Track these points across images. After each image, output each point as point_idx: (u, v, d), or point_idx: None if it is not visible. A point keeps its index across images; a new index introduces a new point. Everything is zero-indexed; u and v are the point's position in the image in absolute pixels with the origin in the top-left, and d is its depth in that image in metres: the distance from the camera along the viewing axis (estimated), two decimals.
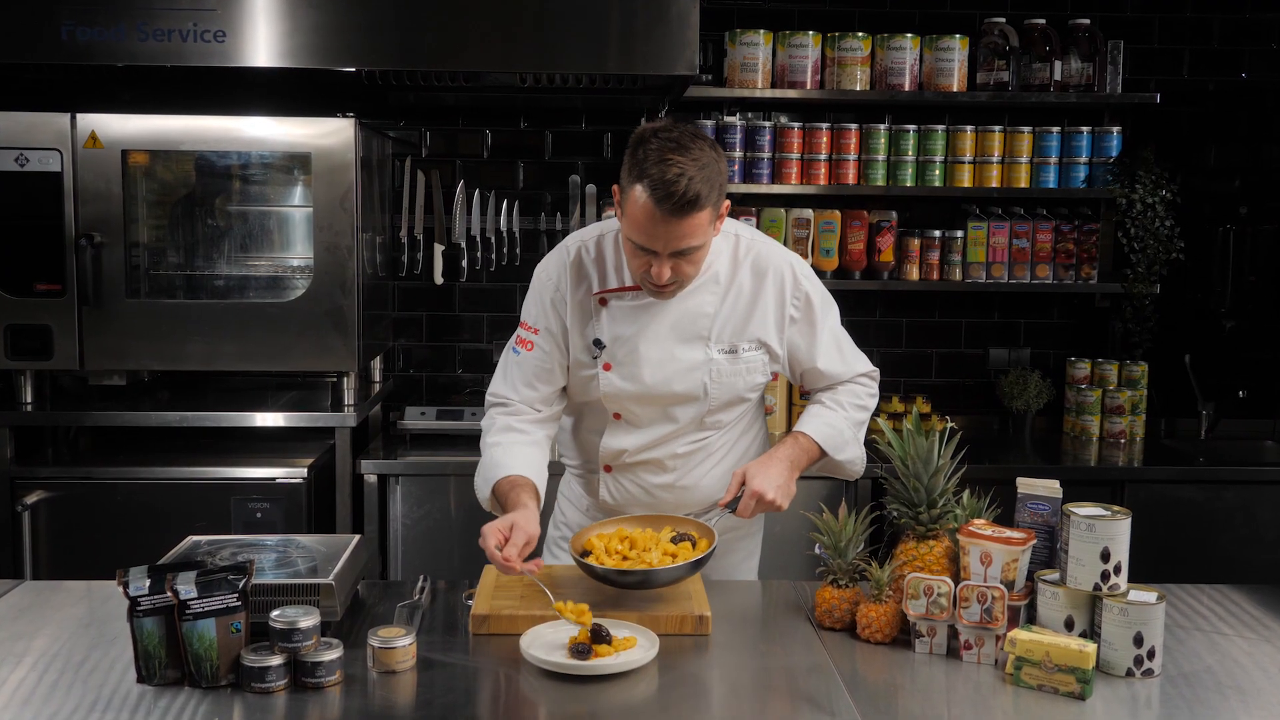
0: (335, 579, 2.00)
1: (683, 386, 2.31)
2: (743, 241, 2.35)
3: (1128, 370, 4.12)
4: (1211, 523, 3.68)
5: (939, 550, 2.06)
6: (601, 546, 2.16)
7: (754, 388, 2.38)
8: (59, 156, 3.35)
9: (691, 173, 2.05)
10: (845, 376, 2.43)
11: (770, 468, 2.25)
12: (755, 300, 2.32)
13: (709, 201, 2.10)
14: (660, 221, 2.08)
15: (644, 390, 2.31)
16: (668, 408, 2.33)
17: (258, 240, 3.78)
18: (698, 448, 2.38)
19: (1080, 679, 1.82)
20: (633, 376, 2.30)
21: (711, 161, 2.11)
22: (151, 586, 1.83)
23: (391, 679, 1.87)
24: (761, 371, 2.36)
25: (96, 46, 3.30)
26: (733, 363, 2.32)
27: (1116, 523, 1.91)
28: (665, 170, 2.05)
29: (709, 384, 2.32)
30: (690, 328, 2.30)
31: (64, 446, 3.66)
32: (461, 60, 3.41)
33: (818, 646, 2.05)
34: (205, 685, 1.82)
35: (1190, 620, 2.20)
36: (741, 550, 2.55)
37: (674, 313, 2.30)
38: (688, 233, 2.10)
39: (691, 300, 2.29)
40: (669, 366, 2.30)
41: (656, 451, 2.37)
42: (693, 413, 2.34)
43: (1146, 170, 3.94)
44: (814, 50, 3.95)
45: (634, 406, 2.34)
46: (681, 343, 2.30)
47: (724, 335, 2.32)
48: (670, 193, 2.04)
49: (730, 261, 2.32)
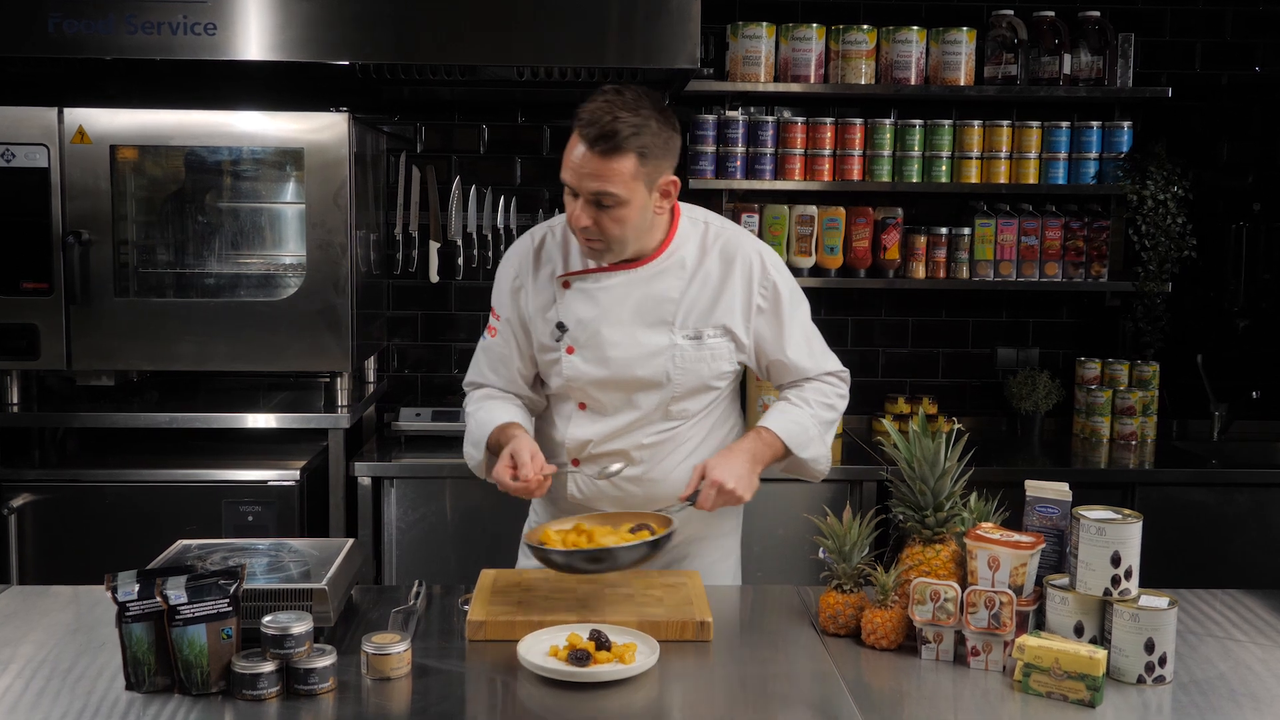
0: (329, 584, 2.00)
1: (645, 371, 2.33)
2: (711, 229, 2.39)
3: (1139, 370, 4.12)
4: (1224, 526, 3.68)
5: (945, 554, 2.06)
6: (559, 539, 2.15)
7: (720, 375, 2.38)
8: (46, 152, 3.35)
9: (621, 115, 2.16)
10: (812, 372, 2.42)
11: (731, 459, 2.27)
12: (722, 287, 2.35)
13: (635, 148, 2.17)
14: (582, 156, 2.18)
15: (607, 375, 2.34)
16: (631, 394, 2.35)
17: (249, 238, 3.78)
18: (664, 438, 2.39)
19: (1090, 686, 1.82)
20: (595, 360, 2.34)
21: (651, 120, 2.19)
22: (140, 591, 1.83)
23: (386, 686, 1.87)
24: (727, 359, 2.37)
25: (84, 39, 3.30)
26: (697, 348, 2.34)
27: (1127, 526, 1.91)
28: (596, 108, 2.17)
29: (672, 369, 2.33)
30: (654, 312, 2.33)
31: (51, 448, 3.65)
32: (457, 54, 3.41)
33: (821, 653, 2.05)
34: (195, 692, 1.82)
35: (1203, 626, 2.20)
36: (717, 550, 2.53)
37: (637, 296, 2.33)
38: (606, 175, 2.17)
39: (656, 284, 2.33)
40: (631, 350, 2.33)
41: (622, 441, 2.38)
42: (656, 399, 2.35)
43: (1158, 166, 3.94)
44: (818, 43, 3.95)
45: (597, 393, 2.37)
46: (645, 327, 2.33)
47: (689, 320, 2.34)
48: (592, 124, 2.15)
49: (698, 247, 2.36)
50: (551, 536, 2.16)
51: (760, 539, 3.59)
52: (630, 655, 1.91)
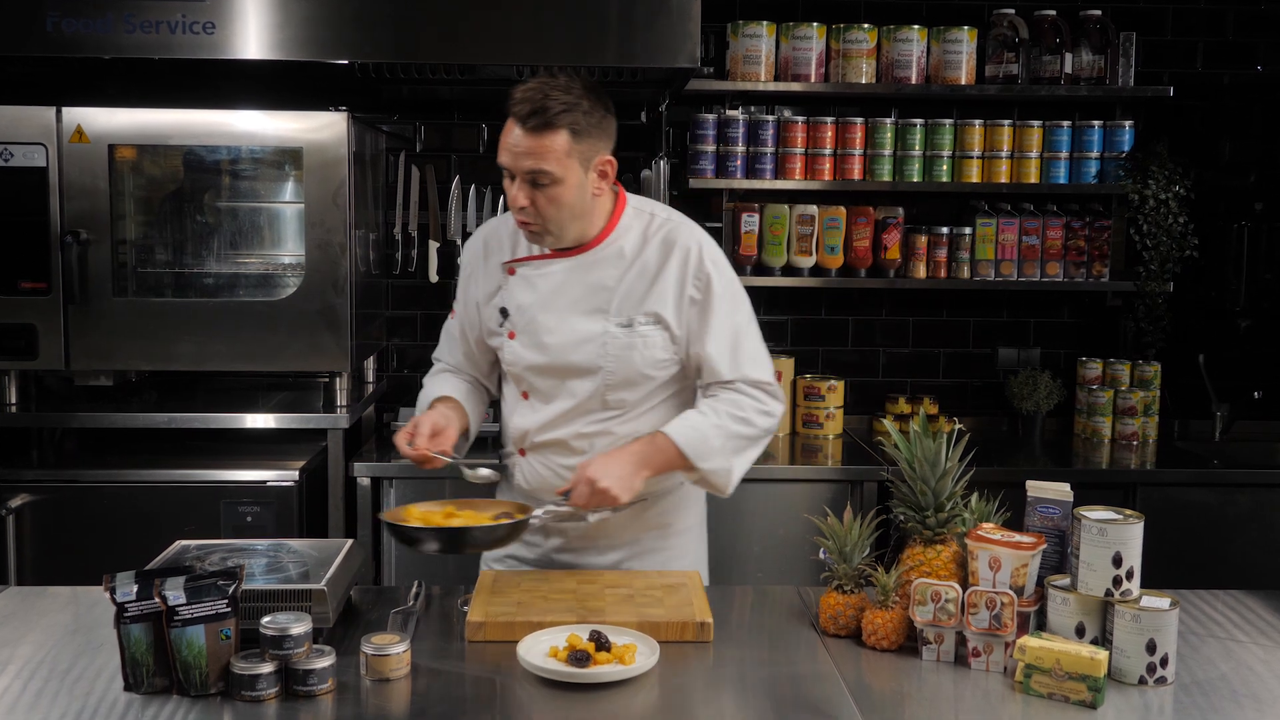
0: (327, 584, 2.00)
1: (579, 357, 2.35)
2: (656, 220, 2.41)
3: (1140, 370, 4.12)
4: (1226, 527, 3.68)
5: (946, 555, 2.06)
6: (421, 518, 2.17)
7: (654, 364, 2.37)
8: (44, 151, 3.35)
9: (552, 93, 2.21)
10: (729, 375, 2.37)
11: (613, 458, 2.26)
12: (658, 275, 2.36)
13: (566, 124, 2.21)
14: (515, 135, 2.22)
15: (544, 360, 2.37)
16: (566, 380, 2.38)
17: (248, 237, 3.78)
18: (603, 429, 2.39)
19: (1091, 687, 1.82)
20: (533, 345, 2.38)
21: (583, 99, 2.24)
22: (139, 592, 1.83)
23: (385, 687, 1.87)
24: (662, 348, 2.36)
25: (83, 38, 3.30)
26: (628, 336, 2.34)
27: (1129, 527, 1.91)
28: (528, 89, 2.23)
29: (604, 356, 2.34)
30: (590, 300, 2.36)
31: (49, 448, 3.65)
32: (457, 53, 3.41)
33: (822, 654, 2.05)
34: (194, 693, 1.82)
35: (1204, 627, 2.20)
36: (674, 548, 2.50)
37: (576, 283, 2.36)
38: (540, 152, 2.21)
39: (594, 272, 2.36)
40: (566, 336, 2.36)
41: (561, 431, 2.40)
42: (591, 387, 2.36)
43: (1159, 165, 3.94)
44: (818, 42, 3.95)
45: (535, 379, 2.40)
46: (581, 314, 2.36)
47: (623, 309, 2.36)
48: (524, 102, 2.21)
49: (640, 238, 2.39)
50: (414, 514, 2.17)
51: (760, 539, 3.59)
52: (630, 656, 1.91)
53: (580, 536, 2.45)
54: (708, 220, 4.18)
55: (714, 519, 3.56)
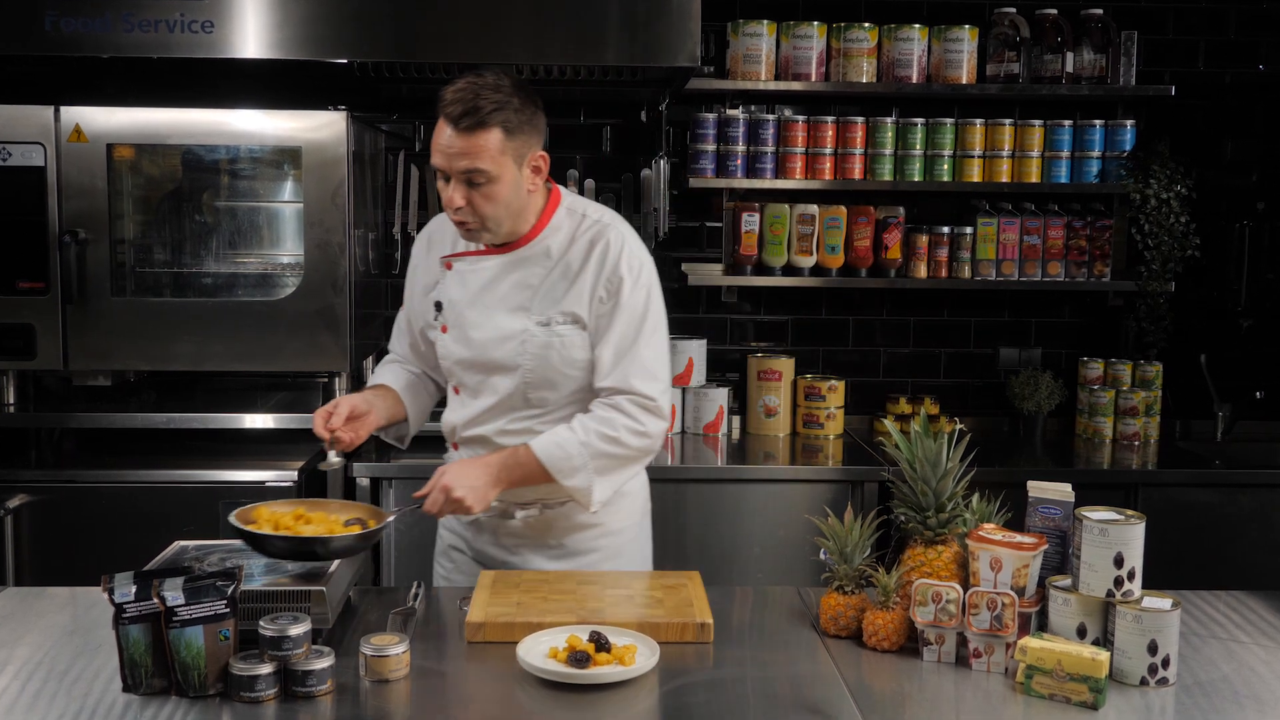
0: (326, 585, 2.00)
1: (500, 354, 2.38)
2: (587, 220, 2.43)
3: (1142, 371, 4.12)
4: (1228, 527, 3.67)
5: (947, 556, 2.06)
6: (269, 521, 2.12)
7: (572, 364, 2.38)
8: (42, 150, 3.35)
9: (483, 92, 2.23)
10: (611, 383, 2.36)
11: (470, 467, 2.31)
12: (578, 275, 2.38)
13: (498, 122, 2.24)
14: (449, 136, 2.24)
15: (470, 355, 2.41)
16: (489, 376, 2.41)
17: (247, 237, 3.78)
18: (526, 428, 2.41)
19: (1093, 688, 1.82)
20: (460, 340, 2.43)
21: (513, 96, 2.26)
22: (137, 593, 1.83)
23: (384, 688, 1.87)
24: (580, 348, 2.38)
25: (81, 37, 3.30)
26: (547, 334, 2.37)
27: (1130, 527, 1.91)
28: (458, 90, 2.24)
29: (523, 354, 2.37)
30: (515, 297, 2.39)
31: (47, 449, 3.65)
32: (456, 52, 3.41)
33: (823, 655, 2.05)
34: (193, 694, 1.82)
35: (1206, 628, 2.20)
36: (598, 552, 2.50)
37: (505, 281, 2.40)
38: (474, 152, 2.23)
39: (520, 270, 2.39)
40: (489, 333, 2.39)
41: (485, 428, 2.44)
42: (511, 384, 2.39)
43: (1161, 165, 3.94)
44: (819, 41, 3.95)
45: (463, 374, 2.45)
46: (506, 311, 2.39)
47: (543, 307, 2.38)
48: (455, 103, 2.23)
49: (568, 237, 2.41)
50: (264, 516, 2.14)
51: (761, 540, 3.59)
52: (630, 657, 1.91)
53: (511, 535, 2.49)
54: (708, 220, 4.20)
55: (714, 519, 3.60)
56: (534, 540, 2.48)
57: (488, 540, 2.51)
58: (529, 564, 2.47)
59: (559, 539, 2.48)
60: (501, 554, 2.50)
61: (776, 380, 4.08)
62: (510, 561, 2.49)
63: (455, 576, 2.57)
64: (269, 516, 2.14)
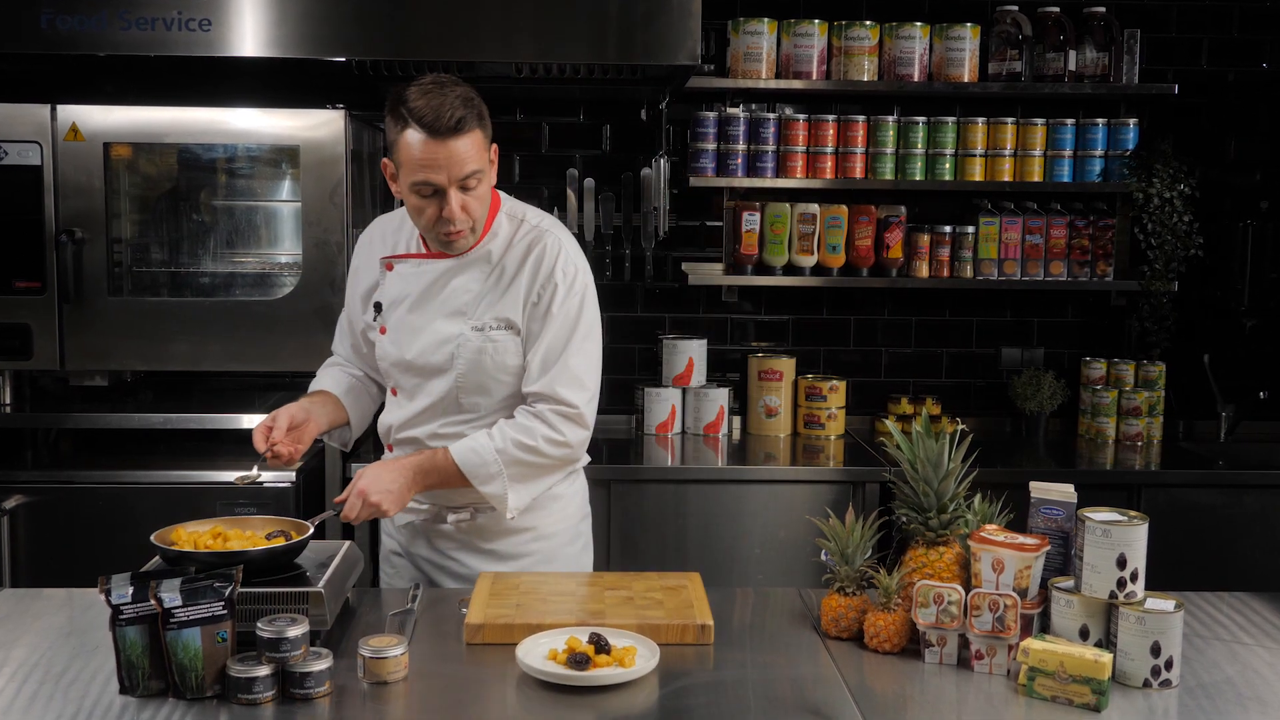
0: (325, 586, 2.00)
1: (435, 358, 2.40)
2: (525, 225, 2.44)
3: (1144, 371, 4.12)
4: (1231, 528, 3.67)
5: (949, 557, 2.06)
6: (190, 540, 2.13)
7: (506, 370, 2.40)
8: (39, 149, 3.35)
9: (453, 98, 2.22)
10: (538, 389, 2.37)
11: (386, 470, 2.32)
12: (513, 280, 2.39)
13: (474, 125, 2.25)
14: (439, 147, 2.21)
15: (406, 357, 2.43)
16: (425, 379, 2.43)
17: (244, 236, 3.78)
18: (458, 431, 2.42)
19: (1095, 690, 1.82)
20: (398, 342, 2.44)
21: (468, 94, 2.26)
22: (134, 594, 1.83)
23: (383, 690, 1.87)
24: (513, 354, 2.39)
25: (78, 35, 3.30)
26: (480, 340, 2.38)
27: (1133, 528, 1.91)
28: (428, 102, 2.21)
29: (458, 359, 2.38)
30: (454, 302, 2.40)
31: (44, 449, 3.65)
32: (455, 50, 3.41)
33: (824, 656, 2.05)
34: (190, 696, 1.82)
35: (1209, 629, 2.20)
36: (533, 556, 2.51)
37: (445, 287, 2.41)
38: (465, 155, 2.23)
39: (460, 277, 2.40)
40: (427, 337, 2.41)
41: (417, 430, 2.46)
42: (444, 388, 2.41)
43: (1164, 164, 3.94)
44: (820, 39, 3.95)
45: (400, 376, 2.47)
46: (443, 315, 2.40)
47: (478, 312, 2.39)
48: (438, 115, 2.20)
49: (505, 242, 2.42)
50: (183, 537, 2.13)
51: (761, 541, 3.59)
52: (630, 659, 1.91)
53: (443, 538, 2.51)
54: (708, 219, 4.20)
55: (714, 519, 3.59)
56: (466, 544, 2.50)
57: (422, 544, 2.54)
58: (463, 567, 2.49)
59: (490, 543, 2.49)
60: (436, 557, 2.52)
61: (777, 380, 4.08)
62: (445, 565, 2.51)
63: (395, 581, 2.60)
64: (188, 536, 2.14)
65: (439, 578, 2.52)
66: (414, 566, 2.56)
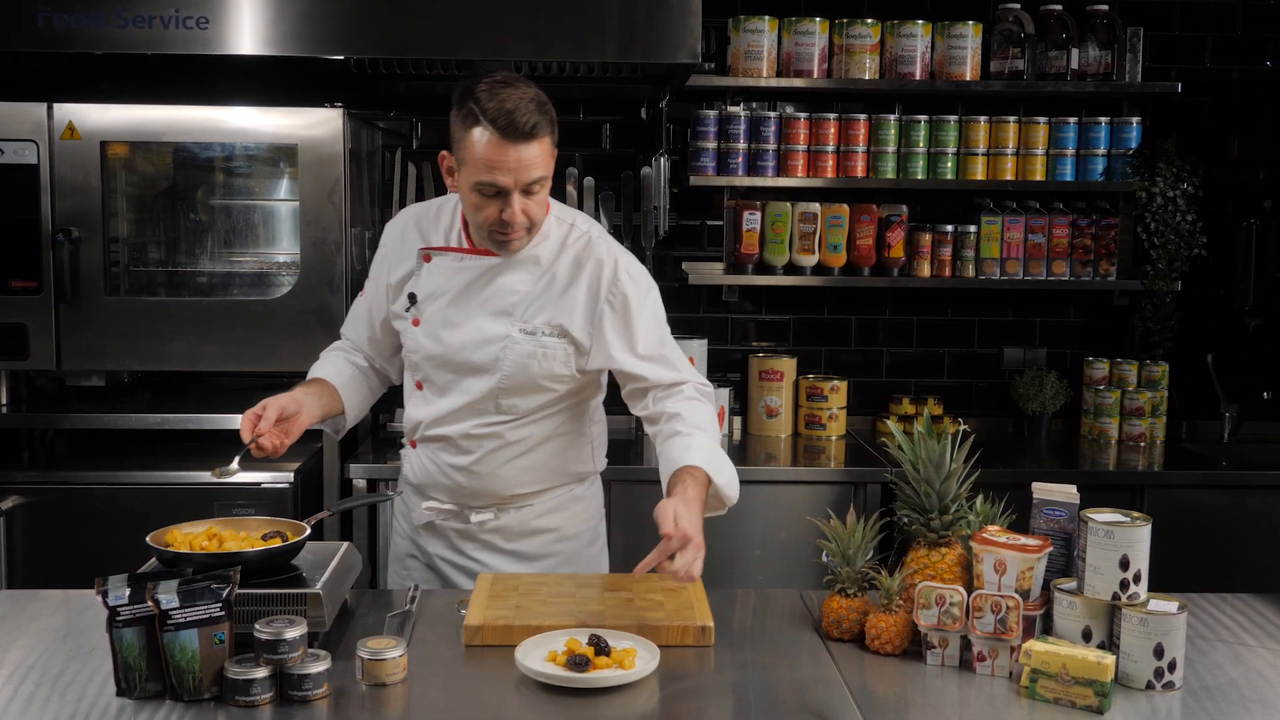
0: (323, 588, 2.00)
1: (478, 356, 2.37)
2: (576, 230, 2.42)
3: (1147, 371, 4.12)
4: (1235, 529, 3.68)
5: (951, 558, 2.06)
6: (186, 541, 2.12)
7: (552, 377, 2.38)
8: (35, 148, 3.35)
9: (526, 100, 2.19)
10: (668, 379, 2.38)
11: (689, 509, 2.08)
12: (568, 288, 2.37)
13: (546, 131, 2.22)
14: (510, 149, 2.18)
15: (443, 352, 2.40)
16: (462, 377, 2.40)
17: (242, 235, 3.78)
18: (492, 433, 2.41)
19: (1098, 692, 1.82)
20: (434, 336, 2.40)
21: (540, 96, 2.23)
22: (131, 596, 1.83)
23: (381, 692, 1.87)
24: (562, 362, 2.38)
25: (74, 33, 3.30)
26: (530, 344, 2.36)
27: (1136, 529, 1.91)
28: (502, 103, 2.17)
29: (502, 359, 2.36)
30: (499, 302, 2.38)
31: (40, 450, 3.65)
32: (454, 48, 3.41)
33: (825, 658, 2.05)
34: (187, 698, 1.82)
35: (1213, 631, 2.20)
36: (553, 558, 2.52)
37: (488, 283, 2.38)
38: (533, 161, 2.21)
39: (507, 276, 2.38)
40: (470, 334, 2.38)
41: (450, 428, 2.42)
42: (485, 388, 2.38)
43: (1167, 162, 3.94)
44: (821, 37, 3.95)
45: (432, 370, 2.43)
46: (488, 314, 2.38)
47: (528, 315, 2.37)
48: (513, 120, 2.16)
49: (557, 246, 2.39)
50: (178, 538, 2.13)
51: (762, 542, 3.59)
52: (630, 661, 1.91)
53: (465, 538, 2.50)
54: (709, 218, 4.20)
55: (715, 520, 3.58)
56: (488, 545, 2.49)
57: (441, 544, 2.53)
58: (484, 569, 2.48)
59: (513, 543, 2.49)
60: (456, 558, 2.52)
61: (778, 380, 4.08)
62: (466, 566, 2.50)
63: (408, 583, 2.56)
64: (184, 538, 2.13)
65: (458, 579, 2.51)
66: (430, 568, 2.54)
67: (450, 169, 2.30)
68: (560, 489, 2.51)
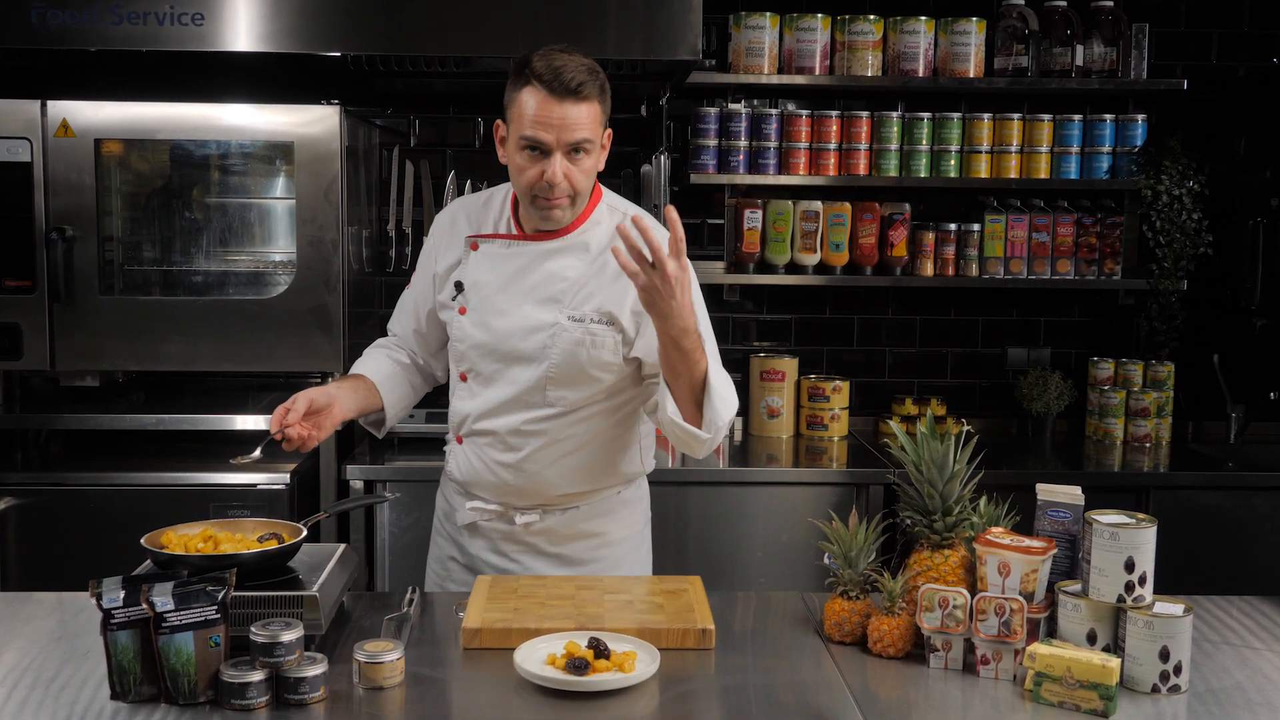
0: (319, 590, 2.00)
1: (526, 345, 2.37)
2: (626, 219, 2.37)
3: (1153, 371, 4.12)
4: (1241, 531, 3.68)
5: (955, 560, 2.06)
6: (181, 543, 2.12)
7: (601, 366, 2.36)
8: (28, 146, 3.35)
9: (576, 63, 2.22)
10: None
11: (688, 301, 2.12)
12: (619, 275, 2.32)
13: (594, 94, 2.24)
14: (554, 106, 2.21)
15: (490, 340, 2.39)
16: (509, 366, 2.39)
17: (238, 234, 3.78)
18: (541, 429, 2.39)
19: (1103, 695, 1.82)
20: (482, 324, 2.40)
21: (593, 65, 2.26)
22: (126, 598, 1.83)
23: (378, 695, 1.87)
24: (611, 350, 2.36)
25: (68, 30, 3.30)
26: (579, 331, 2.35)
27: (1141, 531, 1.91)
28: (551, 62, 2.21)
29: (550, 347, 2.35)
30: (548, 289, 2.37)
31: (34, 451, 3.65)
32: (452, 45, 3.41)
33: (827, 661, 2.05)
34: (182, 702, 1.82)
35: (1219, 634, 2.20)
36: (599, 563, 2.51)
37: (537, 271, 2.38)
38: (579, 121, 2.22)
39: (557, 261, 2.37)
40: (517, 321, 2.37)
41: (496, 421, 2.41)
42: (532, 377, 2.37)
43: (1173, 160, 3.94)
44: (823, 34, 3.95)
45: (479, 360, 2.42)
46: (535, 302, 2.37)
47: (577, 302, 2.36)
48: (559, 76, 2.19)
49: (608, 234, 2.38)
50: (173, 540, 2.13)
51: (763, 544, 3.59)
52: (630, 664, 1.91)
53: (509, 541, 2.49)
54: (710, 216, 4.20)
55: (716, 522, 3.59)
56: (533, 548, 2.48)
57: (484, 546, 2.51)
58: (528, 572, 2.47)
59: (558, 546, 2.48)
60: (500, 561, 2.50)
61: (779, 381, 4.08)
62: (509, 569, 2.49)
63: (448, 585, 2.57)
64: (179, 540, 2.13)
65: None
66: (470, 570, 2.52)
67: (503, 138, 2.32)
68: (607, 491, 2.49)
